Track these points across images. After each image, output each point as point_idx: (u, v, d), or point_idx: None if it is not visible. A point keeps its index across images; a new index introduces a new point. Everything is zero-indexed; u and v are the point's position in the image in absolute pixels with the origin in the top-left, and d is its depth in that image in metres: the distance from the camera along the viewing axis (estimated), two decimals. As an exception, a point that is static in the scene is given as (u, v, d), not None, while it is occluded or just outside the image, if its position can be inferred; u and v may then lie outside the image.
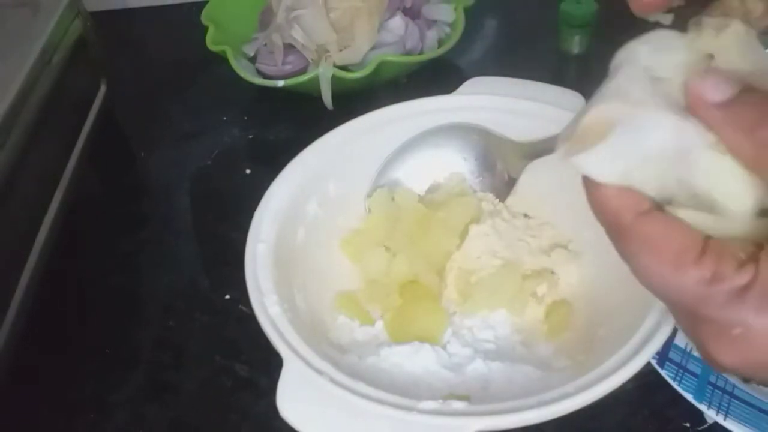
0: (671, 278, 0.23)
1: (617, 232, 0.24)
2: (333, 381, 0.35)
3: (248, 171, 0.60)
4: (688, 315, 0.23)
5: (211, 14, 0.66)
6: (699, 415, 0.40)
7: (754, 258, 0.22)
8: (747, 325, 0.21)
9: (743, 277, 0.21)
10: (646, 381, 0.40)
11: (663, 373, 0.39)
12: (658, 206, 0.24)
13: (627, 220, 0.24)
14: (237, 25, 0.68)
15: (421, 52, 0.65)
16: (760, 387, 0.39)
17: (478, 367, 0.39)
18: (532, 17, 0.75)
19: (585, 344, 0.39)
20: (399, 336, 0.42)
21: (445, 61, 0.66)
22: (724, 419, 0.38)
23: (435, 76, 0.65)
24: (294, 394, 0.34)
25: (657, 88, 0.24)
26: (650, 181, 0.24)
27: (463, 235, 0.44)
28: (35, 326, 0.45)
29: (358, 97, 0.58)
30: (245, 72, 0.62)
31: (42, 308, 0.46)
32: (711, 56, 0.24)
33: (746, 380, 0.40)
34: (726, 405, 0.39)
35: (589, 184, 0.25)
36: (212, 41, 0.63)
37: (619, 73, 0.25)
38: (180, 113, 0.67)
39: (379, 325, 0.43)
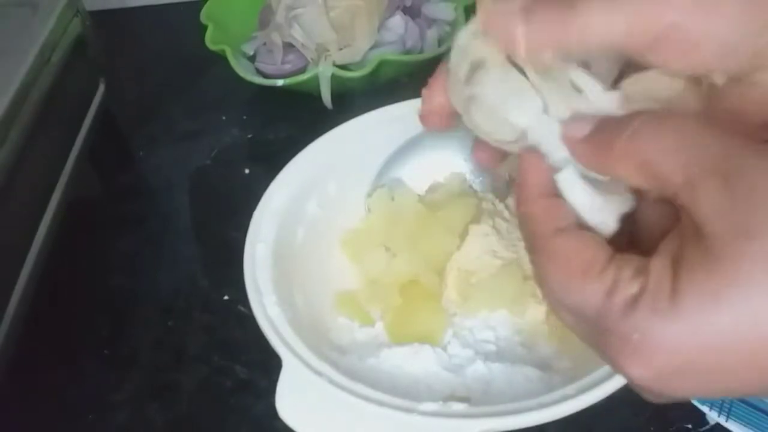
0: (575, 290, 0.23)
1: (534, 242, 0.25)
2: (332, 382, 0.35)
3: (247, 171, 0.60)
4: (592, 330, 0.24)
5: (210, 13, 0.66)
6: (701, 417, 0.40)
7: (646, 266, 0.22)
8: (642, 330, 0.21)
9: (635, 285, 0.22)
10: (648, 382, 0.40)
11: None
12: (579, 225, 0.26)
13: (545, 233, 0.25)
14: (236, 24, 0.68)
15: (421, 51, 0.64)
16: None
17: (479, 368, 0.39)
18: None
19: (587, 345, 0.39)
20: (399, 337, 0.41)
21: (445, 60, 0.66)
22: (726, 420, 0.38)
23: (435, 76, 0.65)
24: (293, 396, 0.34)
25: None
26: None
27: (463, 235, 0.44)
28: (34, 326, 0.45)
29: (358, 96, 0.58)
30: (245, 71, 0.61)
31: (40, 308, 0.46)
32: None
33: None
34: (728, 406, 0.39)
35: (522, 196, 0.27)
36: (211, 40, 0.63)
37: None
38: (179, 112, 0.67)
39: (380, 325, 0.43)
